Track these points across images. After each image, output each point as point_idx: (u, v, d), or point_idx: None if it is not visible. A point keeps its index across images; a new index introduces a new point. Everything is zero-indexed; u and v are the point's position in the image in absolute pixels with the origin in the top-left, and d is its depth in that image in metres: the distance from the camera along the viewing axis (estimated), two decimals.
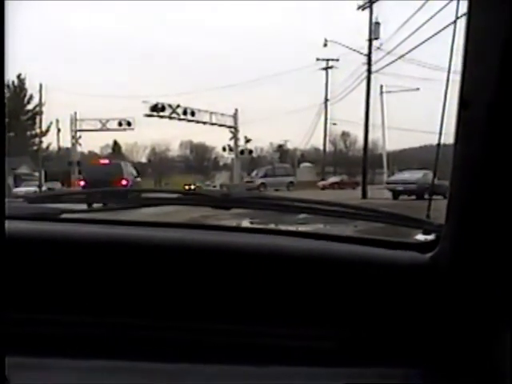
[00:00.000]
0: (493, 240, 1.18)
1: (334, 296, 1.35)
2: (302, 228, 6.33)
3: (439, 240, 1.35)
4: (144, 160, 65.33)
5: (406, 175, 25.70)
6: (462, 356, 1.26)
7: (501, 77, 1.04)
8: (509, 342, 1.18)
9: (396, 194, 24.27)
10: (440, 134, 1.41)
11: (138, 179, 27.94)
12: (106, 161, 29.65)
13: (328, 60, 44.45)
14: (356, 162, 55.17)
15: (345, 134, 61.13)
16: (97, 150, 61.80)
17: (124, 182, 23.30)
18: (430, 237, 1.44)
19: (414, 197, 21.93)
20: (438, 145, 1.48)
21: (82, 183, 24.82)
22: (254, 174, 39.10)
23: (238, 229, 1.72)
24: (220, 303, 1.34)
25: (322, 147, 52.07)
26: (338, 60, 42.85)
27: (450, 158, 1.18)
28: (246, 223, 9.93)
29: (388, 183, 27.66)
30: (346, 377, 1.27)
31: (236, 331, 1.33)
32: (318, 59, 44.34)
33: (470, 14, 1.06)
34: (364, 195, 25.87)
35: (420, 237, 1.48)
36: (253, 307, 1.34)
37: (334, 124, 48.53)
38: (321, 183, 42.40)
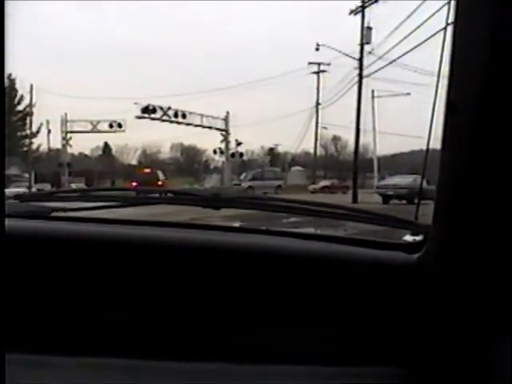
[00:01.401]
0: (479, 241, 1.20)
1: (323, 296, 1.36)
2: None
3: (426, 241, 1.37)
4: (134, 162, 64.82)
5: (397, 180, 25.81)
6: (448, 356, 1.27)
7: (487, 81, 1.05)
8: (495, 342, 1.21)
9: (386, 199, 24.32)
10: (429, 138, 1.43)
11: (166, 180, 36.91)
12: (149, 170, 38.24)
13: (319, 64, 44.76)
14: (346, 166, 55.29)
15: (336, 138, 61.42)
16: (87, 152, 61.83)
17: (160, 183, 33.08)
18: (418, 238, 1.47)
19: (404, 201, 21.94)
20: (427, 150, 1.50)
21: (135, 184, 30.65)
22: (242, 176, 38.79)
23: (233, 229, 1.67)
24: (216, 302, 1.34)
25: (312, 151, 52.43)
26: (329, 64, 43.12)
27: (439, 162, 1.20)
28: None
29: (378, 188, 27.67)
30: (333, 376, 1.29)
31: (231, 330, 1.34)
32: (310, 63, 44.78)
33: (457, 20, 1.08)
34: (355, 199, 25.89)
35: (408, 238, 1.51)
36: (246, 307, 1.36)
37: (325, 128, 48.73)
38: (311, 187, 42.43)
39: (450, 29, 1.18)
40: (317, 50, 35.62)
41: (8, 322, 1.14)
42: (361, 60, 28.71)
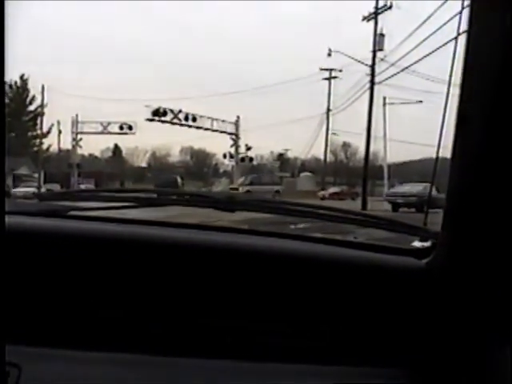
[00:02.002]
0: (487, 247, 1.21)
1: (332, 299, 1.37)
2: None
3: (435, 247, 1.38)
4: (144, 164, 65.57)
5: (407, 188, 25.55)
6: (454, 359, 1.28)
7: (499, 93, 1.06)
8: (501, 348, 1.21)
9: (396, 207, 24.17)
10: (438, 147, 1.46)
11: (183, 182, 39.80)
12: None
13: (331, 70, 44.60)
14: (356, 173, 54.94)
15: (346, 145, 61.38)
16: (97, 153, 62.20)
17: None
18: (427, 244, 1.49)
19: (413, 209, 21.83)
20: (437, 158, 1.52)
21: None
22: (239, 181, 37.78)
23: (242, 230, 1.69)
24: (217, 301, 1.36)
25: (322, 157, 52.14)
26: (341, 71, 42.90)
27: (448, 171, 1.22)
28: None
29: (388, 195, 27.51)
30: (337, 376, 1.30)
31: (232, 329, 1.36)
32: (321, 69, 44.51)
33: (470, 30, 1.08)
34: (364, 206, 25.77)
35: (417, 243, 1.53)
36: (248, 306, 1.37)
37: (335, 134, 48.40)
38: (321, 193, 42.40)
39: (461, 39, 1.19)
40: (329, 55, 35.44)
41: (22, 316, 1.20)
42: (373, 66, 28.59)
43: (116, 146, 61.87)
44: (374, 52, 28.50)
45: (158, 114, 33.16)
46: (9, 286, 1.20)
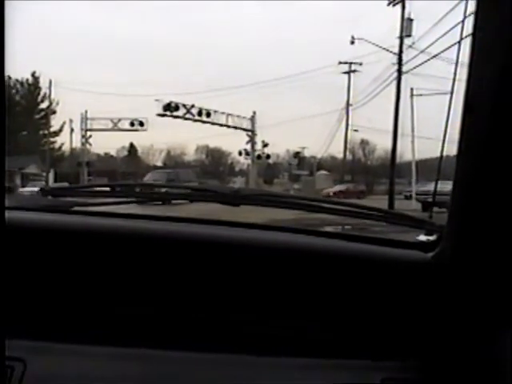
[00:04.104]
0: (492, 240, 1.23)
1: (339, 291, 1.40)
2: None
3: (441, 240, 1.41)
4: (160, 163, 64.32)
5: (439, 186, 23.76)
6: (461, 352, 1.32)
7: (505, 83, 1.07)
8: (508, 340, 1.24)
9: (426, 206, 22.23)
10: (443, 141, 1.51)
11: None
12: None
13: (351, 63, 42.98)
14: (374, 171, 54.30)
15: (364, 142, 59.59)
16: (113, 152, 61.38)
17: None
18: (432, 237, 1.49)
19: (444, 209, 20.04)
20: (441, 153, 1.55)
21: None
22: (147, 177, 32.31)
23: (245, 225, 1.62)
24: (220, 294, 1.38)
25: (338, 155, 51.05)
26: (361, 64, 41.37)
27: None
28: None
29: (418, 194, 25.60)
30: (344, 368, 1.33)
31: (234, 322, 1.37)
32: (340, 62, 42.85)
33: (477, 21, 1.09)
34: (391, 206, 23.99)
35: (422, 237, 1.53)
36: (260, 301, 1.39)
37: (356, 131, 46.54)
38: (325, 191, 40.08)
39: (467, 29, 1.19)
40: (352, 43, 32.79)
41: (25, 311, 1.24)
42: (400, 54, 26.51)
43: (131, 145, 61.30)
44: (401, 38, 26.37)
45: (170, 108, 31.86)
46: (12, 281, 1.22)
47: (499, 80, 1.07)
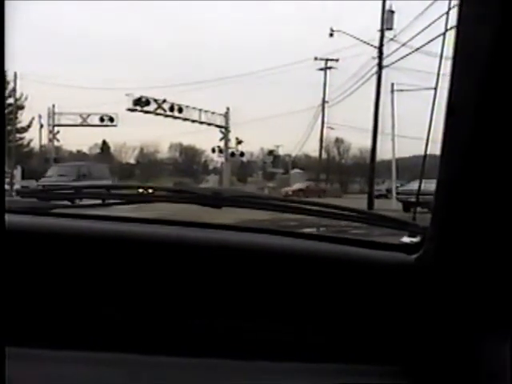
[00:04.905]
0: (475, 242, 1.23)
1: (321, 294, 1.39)
2: None
3: (424, 242, 1.40)
4: (133, 161, 63.94)
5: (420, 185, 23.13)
6: (443, 354, 1.31)
7: (488, 85, 1.08)
8: (491, 341, 1.25)
9: (407, 206, 21.25)
10: (427, 141, 1.44)
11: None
12: None
13: (327, 60, 42.34)
14: (348, 170, 54.24)
15: (339, 141, 59.58)
16: (85, 150, 60.34)
17: None
18: (416, 239, 1.48)
19: (425, 209, 19.41)
20: (425, 152, 1.51)
21: None
22: (50, 173, 27.50)
23: (231, 227, 1.59)
24: (211, 299, 1.37)
25: (313, 154, 50.47)
26: (337, 60, 40.81)
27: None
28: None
29: (399, 193, 24.93)
30: (327, 372, 1.33)
31: (227, 327, 1.36)
32: (315, 58, 42.17)
33: (460, 22, 1.09)
34: (370, 206, 23.34)
35: (405, 239, 1.52)
36: (242, 303, 1.38)
37: (331, 128, 45.90)
38: (283, 190, 38.97)
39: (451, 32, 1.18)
40: (331, 35, 31.93)
41: (7, 317, 1.18)
42: (381, 48, 25.70)
43: (104, 143, 60.18)
44: (382, 31, 25.61)
45: (140, 103, 30.85)
46: None
47: (481, 82, 1.07)
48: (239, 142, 37.05)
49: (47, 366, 1.24)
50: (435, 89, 1.39)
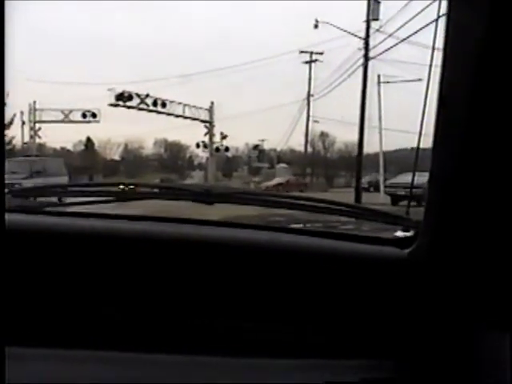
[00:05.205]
0: (468, 236, 1.23)
1: (315, 289, 1.38)
2: None
3: (417, 236, 1.41)
4: (117, 157, 63.51)
5: (407, 177, 22.91)
6: (437, 349, 1.31)
7: (480, 76, 1.06)
8: (483, 335, 1.25)
9: (396, 199, 21.14)
10: (420, 134, 1.43)
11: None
12: None
13: (311, 53, 41.98)
14: (334, 164, 54.14)
15: (323, 135, 59.31)
16: (69, 147, 59.43)
17: None
18: (409, 233, 1.49)
19: (414, 203, 19.17)
20: (418, 145, 1.49)
21: None
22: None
23: (229, 224, 1.61)
24: (206, 297, 1.36)
25: (298, 148, 50.35)
26: (322, 53, 40.50)
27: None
28: None
29: (387, 187, 24.68)
30: (321, 368, 1.32)
31: (222, 323, 1.35)
32: (301, 52, 41.82)
33: (450, 13, 1.08)
34: (358, 199, 23.00)
35: (399, 233, 1.53)
36: (237, 301, 1.38)
37: (316, 122, 45.70)
38: (263, 184, 38.44)
39: (442, 21, 1.16)
40: (315, 27, 31.33)
41: (6, 316, 1.18)
42: (367, 39, 25.23)
43: (88, 139, 59.42)
44: (368, 22, 25.18)
45: (123, 98, 30.10)
46: None
47: (473, 73, 1.05)
48: (224, 137, 36.61)
49: (46, 365, 1.24)
50: (427, 81, 1.35)
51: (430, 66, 1.35)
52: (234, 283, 1.36)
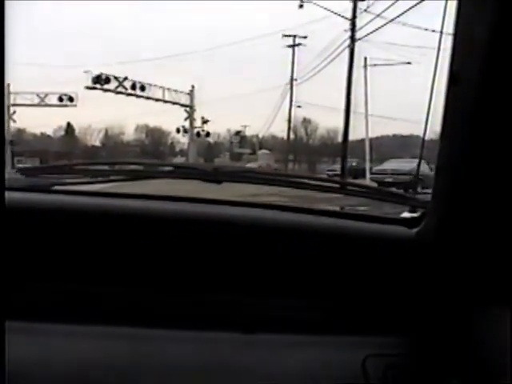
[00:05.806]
0: (476, 216, 1.24)
1: (325, 267, 1.40)
2: None
3: (425, 216, 1.42)
4: (98, 143, 62.90)
5: (394, 164, 22.60)
6: (443, 325, 1.33)
7: (492, 51, 1.02)
8: (487, 313, 1.26)
9: (383, 186, 20.99)
10: (428, 115, 1.39)
11: None
12: None
13: (295, 36, 41.35)
14: (316, 151, 53.83)
15: (306, 121, 59.09)
16: (49, 132, 59.33)
17: None
18: (416, 213, 1.51)
19: (401, 190, 18.83)
20: (425, 131, 1.49)
21: None
22: None
23: (233, 202, 1.60)
24: (212, 274, 1.38)
25: (280, 134, 50.00)
26: (305, 37, 40.03)
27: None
28: None
29: (374, 173, 24.32)
30: (331, 345, 1.34)
31: (229, 302, 1.37)
32: (284, 35, 41.26)
33: None
34: None
35: (406, 214, 1.55)
36: (245, 279, 1.39)
37: (299, 107, 45.11)
38: None
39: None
40: (301, 6, 30.04)
41: (8, 291, 1.19)
42: (353, 19, 24.57)
43: (68, 125, 59.34)
44: (355, 2, 24.53)
45: (100, 81, 29.25)
46: None
47: (485, 48, 1.00)
48: (205, 122, 35.92)
49: (48, 340, 1.25)
50: (436, 63, 1.32)
51: (438, 49, 1.33)
52: (242, 260, 1.38)
